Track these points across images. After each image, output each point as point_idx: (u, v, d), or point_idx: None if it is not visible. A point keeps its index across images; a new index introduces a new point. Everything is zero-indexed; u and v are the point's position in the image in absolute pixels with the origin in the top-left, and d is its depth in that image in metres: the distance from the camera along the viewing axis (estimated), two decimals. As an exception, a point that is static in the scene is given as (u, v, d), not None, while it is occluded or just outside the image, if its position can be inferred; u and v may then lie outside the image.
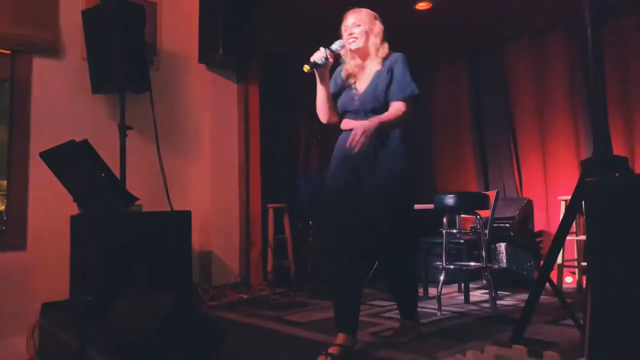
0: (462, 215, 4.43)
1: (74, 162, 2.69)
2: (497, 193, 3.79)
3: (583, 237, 4.05)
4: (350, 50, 2.57)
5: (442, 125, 5.97)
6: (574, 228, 4.02)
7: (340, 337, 2.34)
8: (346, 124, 2.55)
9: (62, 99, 3.66)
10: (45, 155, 2.71)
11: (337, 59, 2.60)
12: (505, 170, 5.29)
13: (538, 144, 5.05)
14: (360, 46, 2.55)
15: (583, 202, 1.96)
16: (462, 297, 3.71)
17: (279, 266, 4.59)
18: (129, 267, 2.99)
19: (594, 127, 1.95)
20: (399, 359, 2.27)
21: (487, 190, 5.20)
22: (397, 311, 2.75)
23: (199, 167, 4.34)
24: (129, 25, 3.57)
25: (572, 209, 2.11)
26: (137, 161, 3.81)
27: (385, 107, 2.45)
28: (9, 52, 3.51)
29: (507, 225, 4.43)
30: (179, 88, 4.31)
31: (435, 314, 3.22)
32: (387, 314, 3.25)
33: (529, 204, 4.67)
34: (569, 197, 3.09)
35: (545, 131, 5.01)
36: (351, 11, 2.60)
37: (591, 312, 1.64)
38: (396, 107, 2.43)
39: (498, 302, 3.49)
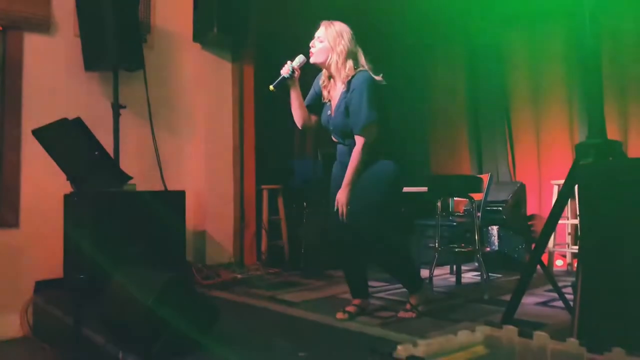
0: (456, 198, 4.45)
1: (66, 140, 2.67)
2: (491, 176, 3.80)
3: (575, 221, 4.08)
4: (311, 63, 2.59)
5: (438, 107, 5.95)
6: (566, 212, 4.05)
7: (356, 300, 2.74)
8: (334, 138, 2.69)
9: (54, 76, 3.62)
10: (38, 133, 2.69)
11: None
12: (499, 153, 5.29)
13: (532, 128, 5.05)
14: (318, 61, 2.58)
15: (576, 185, 1.97)
16: (454, 279, 3.74)
17: (273, 247, 4.60)
18: (122, 245, 2.99)
19: (588, 110, 1.95)
20: (391, 339, 2.29)
21: (481, 173, 5.21)
22: (390, 291, 2.96)
23: (193, 147, 4.31)
24: (123, 1, 3.52)
25: (565, 192, 2.12)
26: (130, 140, 3.79)
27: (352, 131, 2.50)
28: (0, 28, 3.46)
29: (500, 208, 4.45)
30: (173, 67, 4.26)
31: (427, 295, 3.25)
32: (379, 295, 3.27)
33: (522, 187, 4.69)
34: (562, 182, 3.10)
35: (539, 115, 5.00)
36: (323, 23, 2.59)
37: (581, 294, 1.67)
38: (355, 152, 2.47)
39: (489, 284, 3.53)
